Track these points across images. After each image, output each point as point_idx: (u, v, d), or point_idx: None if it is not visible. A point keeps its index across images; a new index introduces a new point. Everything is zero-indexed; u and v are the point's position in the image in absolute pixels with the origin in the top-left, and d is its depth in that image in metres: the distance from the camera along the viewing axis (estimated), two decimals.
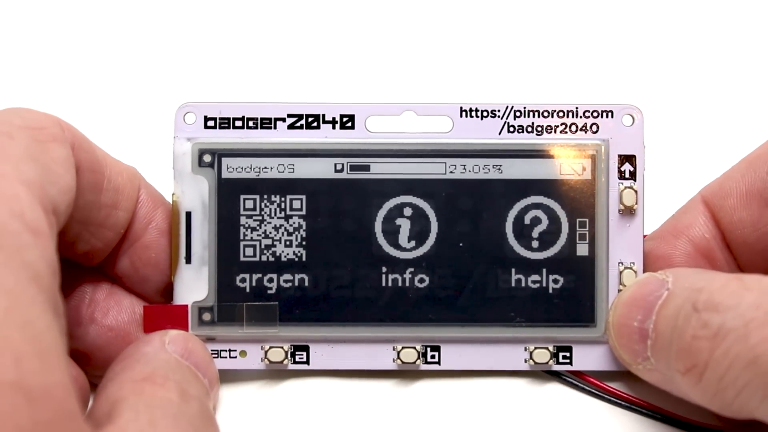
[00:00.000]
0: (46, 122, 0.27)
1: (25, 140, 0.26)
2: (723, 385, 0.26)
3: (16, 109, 0.27)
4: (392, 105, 0.32)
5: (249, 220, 0.32)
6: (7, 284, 0.22)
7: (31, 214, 0.24)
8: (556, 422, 0.32)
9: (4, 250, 0.23)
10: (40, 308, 0.23)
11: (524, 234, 0.32)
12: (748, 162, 0.31)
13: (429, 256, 0.32)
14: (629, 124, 0.32)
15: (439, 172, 0.32)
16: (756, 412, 0.26)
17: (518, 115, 0.32)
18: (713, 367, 0.26)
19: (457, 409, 0.32)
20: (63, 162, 0.27)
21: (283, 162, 0.32)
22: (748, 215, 0.31)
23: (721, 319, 0.26)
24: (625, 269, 0.32)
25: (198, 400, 0.28)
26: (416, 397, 0.32)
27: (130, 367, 0.28)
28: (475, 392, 0.32)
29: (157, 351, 0.29)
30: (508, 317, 0.32)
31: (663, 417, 0.31)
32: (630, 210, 0.32)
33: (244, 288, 0.32)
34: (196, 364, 0.30)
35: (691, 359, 0.27)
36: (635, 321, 0.29)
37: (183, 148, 0.32)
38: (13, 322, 0.22)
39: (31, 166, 0.25)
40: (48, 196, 0.25)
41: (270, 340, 0.32)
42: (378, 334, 0.32)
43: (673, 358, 0.28)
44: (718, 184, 0.32)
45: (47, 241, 0.24)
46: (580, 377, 0.32)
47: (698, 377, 0.27)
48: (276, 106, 0.32)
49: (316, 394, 0.32)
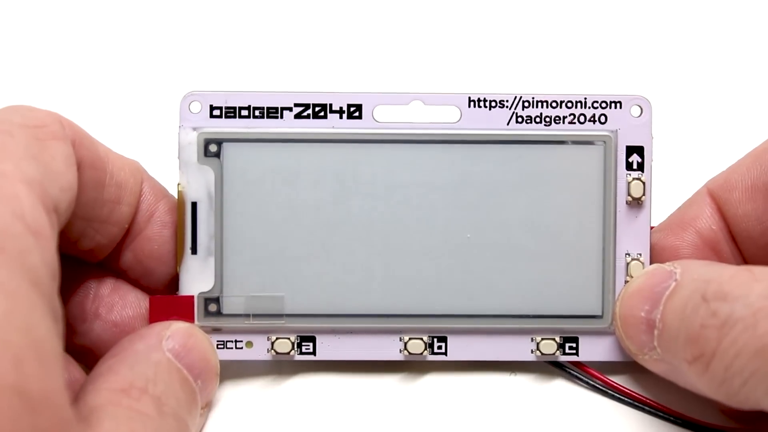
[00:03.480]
0: (47, 120, 0.27)
1: (25, 138, 0.26)
2: (730, 374, 0.26)
3: (16, 107, 0.27)
4: (400, 95, 0.32)
5: (255, 209, 0.32)
6: (9, 288, 0.22)
7: (32, 214, 0.24)
8: (561, 419, 0.32)
9: (6, 253, 0.22)
10: (40, 313, 0.23)
11: (532, 224, 0.32)
12: (754, 156, 0.32)
13: (436, 246, 0.32)
14: (637, 114, 0.32)
15: (447, 161, 0.32)
16: (762, 402, 0.26)
17: (526, 106, 0.32)
18: (720, 356, 0.26)
19: (463, 406, 0.32)
20: (64, 159, 0.26)
21: (290, 151, 0.32)
22: (752, 209, 0.31)
23: (729, 308, 0.26)
24: (632, 260, 0.32)
25: (174, 416, 0.28)
26: (421, 393, 0.32)
27: (114, 370, 0.28)
28: (481, 389, 0.32)
29: (150, 350, 0.29)
30: (515, 308, 0.32)
31: (667, 415, 0.31)
32: (638, 201, 0.32)
33: (251, 278, 0.32)
34: (191, 364, 0.29)
35: (698, 348, 0.27)
36: (642, 311, 0.29)
37: (188, 138, 0.31)
38: (14, 325, 0.22)
39: (31, 165, 0.25)
40: (49, 195, 0.25)
41: (276, 331, 0.32)
42: (385, 325, 0.32)
43: (681, 347, 0.28)
44: (723, 178, 0.32)
45: (48, 242, 0.24)
46: (584, 369, 0.32)
47: (705, 366, 0.27)
48: (283, 95, 0.32)
49: (321, 390, 0.32)
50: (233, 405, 0.32)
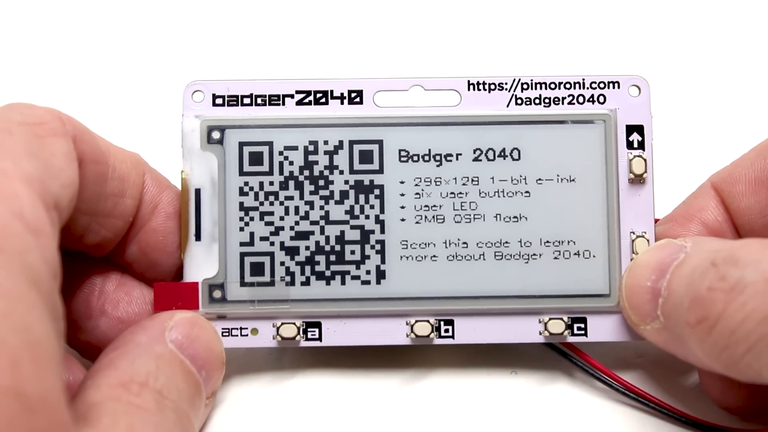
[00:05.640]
0: (46, 117, 0.27)
1: (24, 136, 0.26)
2: (734, 339, 0.26)
3: (14, 104, 0.27)
4: (400, 80, 0.32)
5: (259, 195, 0.32)
6: (7, 288, 0.22)
7: (32, 213, 0.24)
8: (562, 419, 0.31)
9: (5, 253, 0.22)
10: (38, 313, 0.22)
11: (536, 204, 0.32)
12: (758, 150, 0.32)
13: (441, 229, 0.32)
14: (636, 94, 0.32)
15: (449, 141, 0.32)
16: (764, 372, 0.25)
17: (525, 88, 0.32)
18: (726, 320, 0.26)
19: (464, 408, 0.32)
20: (64, 156, 0.27)
21: (293, 136, 0.32)
22: (756, 202, 0.31)
23: (740, 273, 0.26)
24: (637, 238, 0.32)
25: (176, 410, 0.27)
26: (422, 394, 0.32)
27: (114, 364, 0.27)
28: (481, 389, 0.32)
29: (152, 342, 0.28)
30: (521, 289, 0.31)
31: (669, 413, 0.31)
32: (640, 178, 0.32)
33: (255, 264, 0.31)
34: (194, 354, 0.29)
35: (703, 310, 0.26)
36: (648, 281, 0.29)
37: (191, 126, 0.32)
38: (12, 326, 0.22)
39: (31, 162, 0.25)
40: (49, 192, 0.25)
41: (281, 316, 0.31)
42: (391, 308, 0.31)
43: (685, 311, 0.27)
44: (727, 171, 0.32)
45: (48, 241, 0.24)
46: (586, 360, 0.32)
47: (709, 330, 0.26)
48: (284, 83, 0.32)
49: (323, 388, 0.32)
50: (237, 402, 0.32)
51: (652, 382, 0.32)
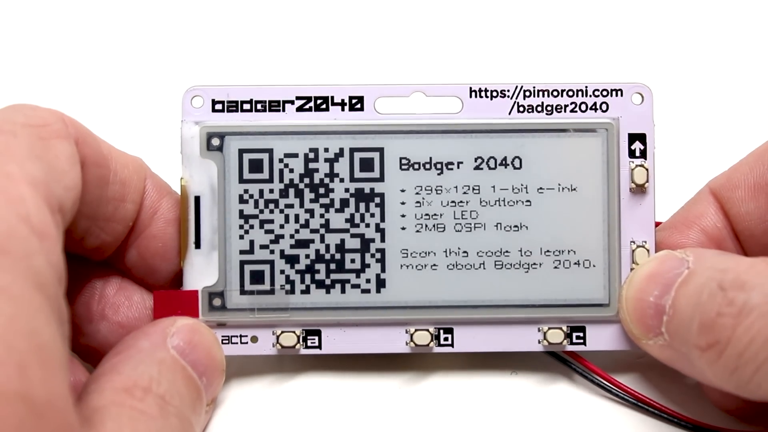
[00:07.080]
0: (50, 119, 0.27)
1: (29, 138, 0.25)
2: (743, 361, 0.26)
3: (18, 106, 0.27)
4: (401, 86, 0.32)
5: (259, 203, 0.31)
6: (13, 291, 0.22)
7: (37, 216, 0.24)
8: (562, 420, 0.31)
9: (11, 257, 0.22)
10: (45, 317, 0.22)
11: (537, 214, 0.32)
12: (757, 155, 0.32)
13: (442, 237, 0.32)
14: (638, 102, 0.32)
15: (451, 151, 0.32)
16: None
17: (528, 95, 0.32)
18: (734, 343, 0.26)
19: (464, 409, 0.32)
20: (68, 158, 0.26)
21: (293, 144, 0.32)
22: (755, 207, 0.31)
23: (746, 296, 0.26)
24: (637, 248, 0.32)
25: (178, 415, 0.27)
26: (423, 394, 0.32)
27: (117, 369, 0.27)
28: (482, 389, 0.32)
29: (154, 348, 0.29)
30: (521, 298, 0.31)
31: (669, 416, 0.31)
32: (641, 188, 0.32)
33: (255, 272, 0.31)
34: (195, 361, 0.29)
35: (714, 335, 0.26)
36: (651, 296, 0.29)
37: (191, 132, 0.31)
38: (18, 330, 0.21)
39: (36, 165, 0.25)
40: (54, 195, 0.25)
41: (281, 324, 0.32)
42: (391, 317, 0.31)
43: (694, 335, 0.27)
44: (726, 177, 0.32)
45: (53, 244, 0.24)
46: (585, 366, 0.32)
47: (719, 354, 0.26)
48: (284, 89, 0.32)
49: (323, 390, 0.32)
50: (237, 404, 0.32)
51: (652, 383, 0.32)
